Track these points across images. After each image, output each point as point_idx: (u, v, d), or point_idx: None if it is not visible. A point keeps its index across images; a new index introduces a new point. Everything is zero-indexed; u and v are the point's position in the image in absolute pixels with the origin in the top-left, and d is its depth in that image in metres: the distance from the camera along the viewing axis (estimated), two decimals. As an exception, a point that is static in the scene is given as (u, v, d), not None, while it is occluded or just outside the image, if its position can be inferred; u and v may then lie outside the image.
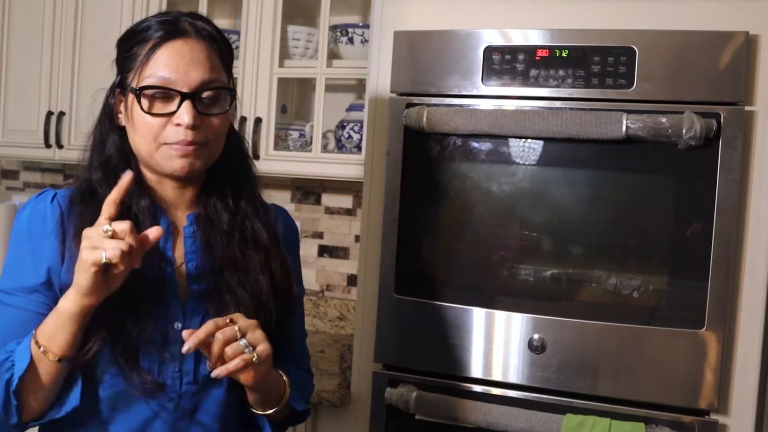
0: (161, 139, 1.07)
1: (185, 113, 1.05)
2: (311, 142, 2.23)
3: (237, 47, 2.27)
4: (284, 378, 1.16)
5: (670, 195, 1.56)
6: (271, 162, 2.19)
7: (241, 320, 1.02)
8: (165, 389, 1.07)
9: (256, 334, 1.02)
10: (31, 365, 0.99)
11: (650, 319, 1.55)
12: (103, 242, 0.94)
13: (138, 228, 1.00)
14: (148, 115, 1.06)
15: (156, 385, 1.06)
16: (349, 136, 2.21)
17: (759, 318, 1.53)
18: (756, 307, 1.53)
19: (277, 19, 2.18)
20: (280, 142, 2.30)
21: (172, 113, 1.06)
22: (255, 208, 1.18)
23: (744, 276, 1.53)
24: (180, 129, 1.05)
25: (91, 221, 1.01)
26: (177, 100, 1.05)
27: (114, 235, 0.95)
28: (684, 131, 1.47)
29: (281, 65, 2.20)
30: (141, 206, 1.09)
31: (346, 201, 2.45)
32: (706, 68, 1.50)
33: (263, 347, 1.02)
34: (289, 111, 2.42)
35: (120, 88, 1.11)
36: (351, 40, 2.18)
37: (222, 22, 2.48)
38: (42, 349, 0.99)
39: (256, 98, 2.20)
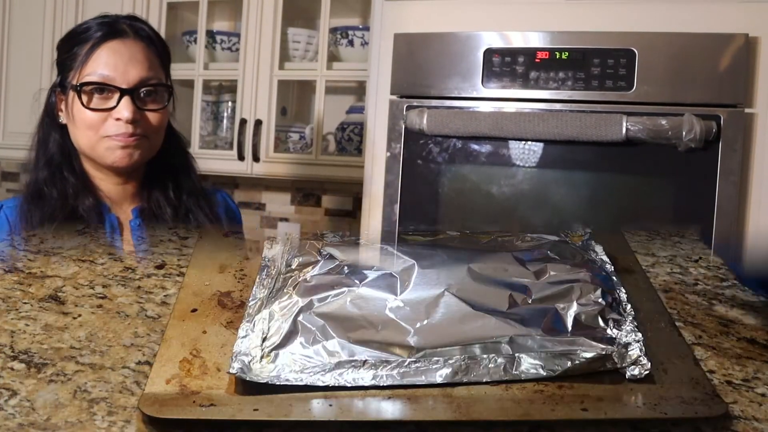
0: (102, 132, 1.12)
1: (124, 108, 1.10)
2: (311, 144, 2.23)
3: (237, 50, 2.28)
4: None
5: (670, 197, 1.56)
6: (271, 164, 2.19)
7: None
8: None
9: None
10: None
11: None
12: None
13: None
14: (88, 110, 1.11)
15: None
16: (349, 138, 2.21)
17: (759, 320, 1.52)
18: (756, 309, 1.52)
19: (277, 21, 2.18)
20: (280, 144, 2.30)
21: (112, 108, 1.11)
22: (198, 200, 1.24)
23: (744, 278, 1.53)
24: (120, 123, 1.11)
25: (39, 222, 1.08)
26: (116, 96, 1.11)
27: None
28: (684, 133, 1.47)
29: (281, 67, 2.21)
30: (86, 205, 1.14)
31: (346, 203, 2.45)
32: (706, 70, 1.50)
33: None
34: (289, 113, 2.42)
35: (60, 87, 1.16)
36: (351, 43, 2.18)
37: (222, 25, 2.48)
38: None
39: (256, 100, 2.20)
